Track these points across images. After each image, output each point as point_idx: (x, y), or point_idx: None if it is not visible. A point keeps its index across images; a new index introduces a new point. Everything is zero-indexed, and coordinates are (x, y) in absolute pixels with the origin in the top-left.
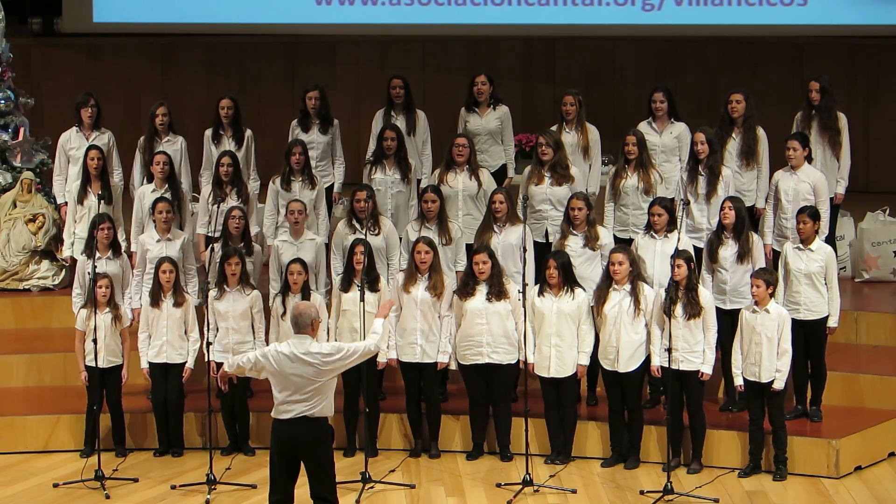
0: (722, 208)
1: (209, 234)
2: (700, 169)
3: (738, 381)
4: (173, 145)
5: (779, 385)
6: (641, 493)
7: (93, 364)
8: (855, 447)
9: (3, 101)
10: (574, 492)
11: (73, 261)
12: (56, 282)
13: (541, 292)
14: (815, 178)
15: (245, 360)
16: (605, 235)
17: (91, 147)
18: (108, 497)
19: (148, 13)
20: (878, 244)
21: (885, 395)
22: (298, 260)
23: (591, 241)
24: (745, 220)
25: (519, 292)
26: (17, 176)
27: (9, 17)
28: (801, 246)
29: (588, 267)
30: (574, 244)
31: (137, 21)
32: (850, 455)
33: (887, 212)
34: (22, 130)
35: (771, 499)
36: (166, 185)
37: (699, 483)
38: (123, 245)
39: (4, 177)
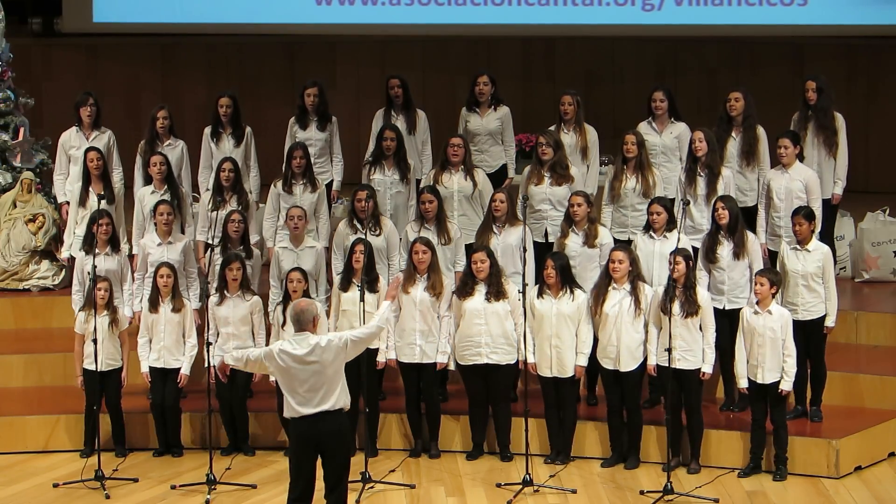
0: (715, 209)
1: (208, 242)
2: (699, 169)
3: (743, 384)
4: (174, 149)
5: (787, 386)
6: (641, 493)
7: (92, 367)
8: (855, 447)
9: (3, 102)
10: (574, 492)
11: (73, 260)
12: (56, 282)
13: (539, 293)
14: (806, 176)
15: (250, 355)
16: (605, 235)
17: (90, 149)
18: (108, 497)
19: (148, 13)
20: (878, 244)
21: (885, 395)
22: (298, 269)
23: (590, 239)
24: (739, 218)
25: (519, 293)
26: (17, 176)
27: (9, 17)
28: (797, 247)
29: (588, 267)
30: (574, 243)
31: (137, 21)
32: (850, 455)
33: (887, 212)
34: (22, 130)
35: (771, 499)
36: (165, 186)
37: (699, 483)
38: (124, 244)
39: (4, 177)
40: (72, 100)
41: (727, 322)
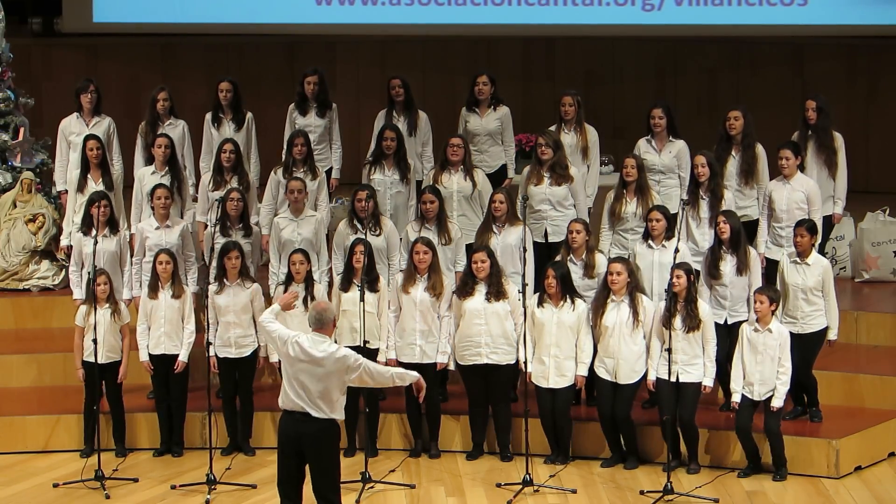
0: (717, 224)
1: (207, 222)
2: (701, 192)
3: (737, 399)
4: (175, 129)
5: (778, 403)
6: (641, 493)
7: (92, 360)
8: (855, 447)
9: (3, 102)
10: (574, 492)
11: (72, 248)
12: (56, 282)
13: (540, 302)
14: (808, 187)
15: (274, 328)
16: (603, 263)
17: (89, 137)
18: (108, 497)
19: (148, 13)
20: (878, 244)
21: (885, 395)
22: (300, 250)
23: (589, 270)
24: (741, 233)
25: (519, 293)
26: (17, 176)
27: (9, 17)
28: (797, 260)
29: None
30: (573, 274)
31: (137, 21)
32: (850, 455)
33: (887, 212)
34: (22, 130)
35: (771, 499)
36: (166, 168)
37: (699, 483)
38: (123, 228)
39: (4, 177)
40: (72, 100)
41: (727, 335)
